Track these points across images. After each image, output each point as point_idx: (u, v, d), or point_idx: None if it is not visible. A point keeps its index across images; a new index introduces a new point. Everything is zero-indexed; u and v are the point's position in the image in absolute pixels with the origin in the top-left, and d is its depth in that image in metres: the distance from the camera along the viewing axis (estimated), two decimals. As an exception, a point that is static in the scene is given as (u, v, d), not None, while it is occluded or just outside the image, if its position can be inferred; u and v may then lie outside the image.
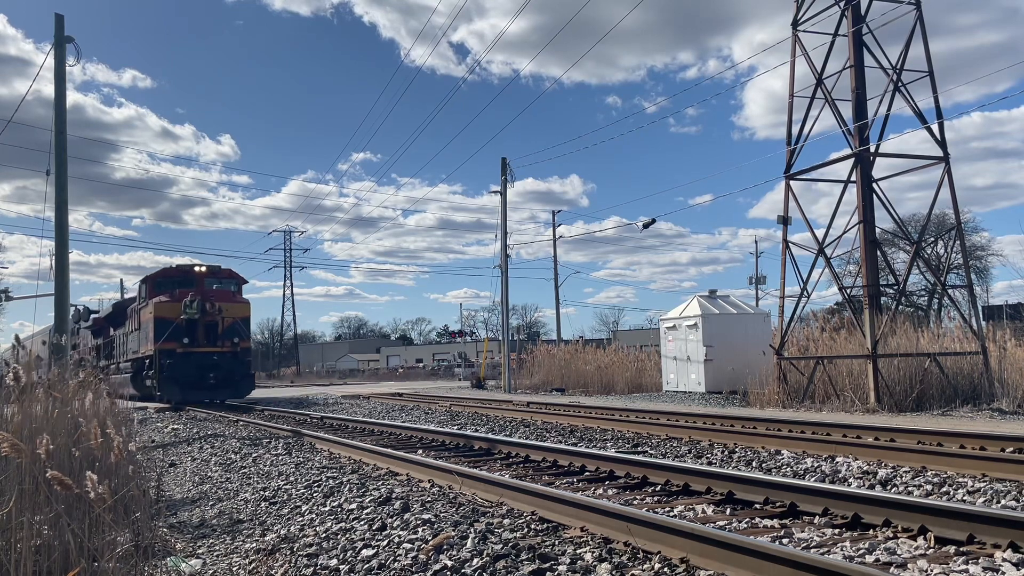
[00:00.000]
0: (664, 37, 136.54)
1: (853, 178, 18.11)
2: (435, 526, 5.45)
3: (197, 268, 26.49)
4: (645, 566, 4.40)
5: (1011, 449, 8.87)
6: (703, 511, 6.16)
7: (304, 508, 6.74)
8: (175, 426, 16.55)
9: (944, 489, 6.79)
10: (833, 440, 9.73)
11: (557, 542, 5.00)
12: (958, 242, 19.91)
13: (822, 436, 10.43)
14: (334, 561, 4.88)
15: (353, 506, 6.45)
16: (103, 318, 34.84)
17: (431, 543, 4.92)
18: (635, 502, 6.56)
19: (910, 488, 6.92)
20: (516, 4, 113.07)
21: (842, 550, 4.70)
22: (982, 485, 6.78)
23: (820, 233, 18.98)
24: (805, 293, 19.11)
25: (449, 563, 4.54)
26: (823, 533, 5.20)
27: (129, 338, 29.09)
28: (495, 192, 34.89)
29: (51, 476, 3.25)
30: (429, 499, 6.57)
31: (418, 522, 5.60)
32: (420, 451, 10.51)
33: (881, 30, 18.37)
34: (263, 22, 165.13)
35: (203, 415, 20.14)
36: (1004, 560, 4.30)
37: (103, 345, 34.73)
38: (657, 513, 5.47)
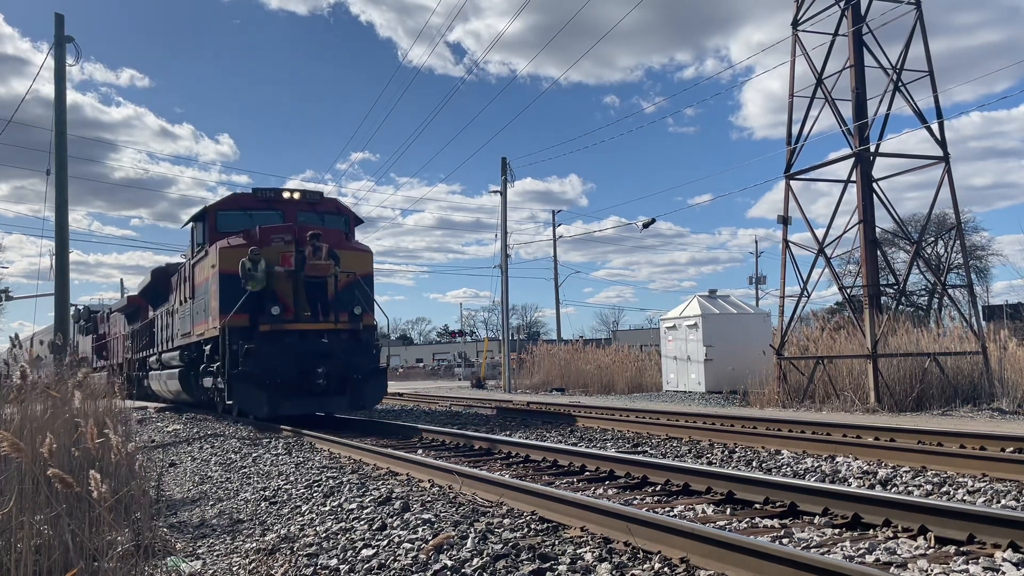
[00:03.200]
0: (661, 37, 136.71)
1: (853, 178, 18.11)
2: (435, 526, 5.45)
3: (287, 194, 16.60)
4: (645, 566, 4.40)
5: (1011, 449, 8.87)
6: (703, 511, 6.15)
7: (304, 508, 6.74)
8: (175, 426, 16.55)
9: (944, 489, 6.79)
10: (833, 440, 9.73)
11: (557, 542, 5.00)
12: (958, 242, 19.92)
13: (822, 436, 10.43)
14: (334, 561, 4.88)
15: (353, 506, 6.45)
16: (138, 295, 24.90)
17: (431, 543, 4.91)
18: (635, 502, 6.56)
19: (910, 488, 6.92)
20: (512, 4, 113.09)
21: (842, 550, 4.70)
22: (982, 485, 6.78)
23: (820, 233, 19.00)
24: (805, 293, 19.11)
25: (449, 563, 4.54)
26: (823, 533, 5.20)
27: (176, 315, 19.08)
28: (495, 192, 34.91)
29: (51, 473, 3.25)
30: (429, 499, 6.57)
31: (418, 522, 5.60)
32: (420, 451, 10.51)
33: (881, 30, 18.39)
34: (260, 21, 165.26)
35: (203, 414, 18.78)
36: (1004, 560, 4.30)
37: (139, 331, 24.63)
38: (657, 513, 5.47)
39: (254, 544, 5.72)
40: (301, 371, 14.40)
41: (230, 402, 14.65)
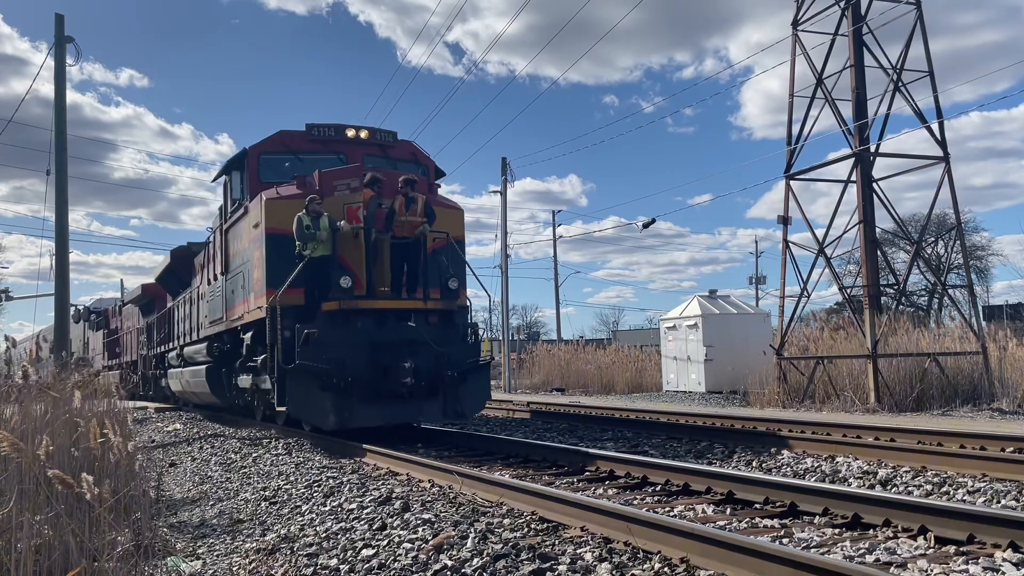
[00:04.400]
0: (661, 37, 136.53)
1: (853, 178, 18.12)
2: (435, 526, 5.46)
3: (351, 132, 12.74)
4: (645, 566, 4.40)
5: (1011, 449, 8.87)
6: (703, 511, 6.15)
7: (304, 508, 6.74)
8: (175, 426, 16.54)
9: (944, 489, 6.79)
10: (833, 440, 9.73)
11: (557, 542, 5.00)
12: (958, 242, 19.95)
13: (822, 436, 10.43)
14: (334, 561, 4.89)
15: (353, 506, 6.45)
16: (155, 281, 21.41)
17: (431, 543, 4.92)
18: (635, 502, 6.56)
19: (910, 488, 6.92)
20: (511, 4, 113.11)
21: (842, 550, 4.70)
22: (982, 485, 6.78)
23: (820, 233, 19.01)
24: (805, 293, 19.12)
25: (449, 563, 4.54)
26: (823, 533, 5.20)
27: (203, 300, 15.74)
28: (495, 192, 34.91)
29: (52, 475, 3.26)
30: (429, 499, 6.57)
31: (418, 522, 5.60)
32: (420, 451, 10.50)
33: (881, 30, 18.41)
34: (259, 21, 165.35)
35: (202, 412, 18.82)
36: (1004, 560, 4.30)
37: (156, 323, 21.71)
38: (657, 513, 5.47)
39: (254, 544, 5.72)
40: (379, 366, 10.69)
41: (281, 408, 10.86)
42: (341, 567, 4.74)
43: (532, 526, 5.50)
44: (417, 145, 13.63)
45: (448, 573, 4.43)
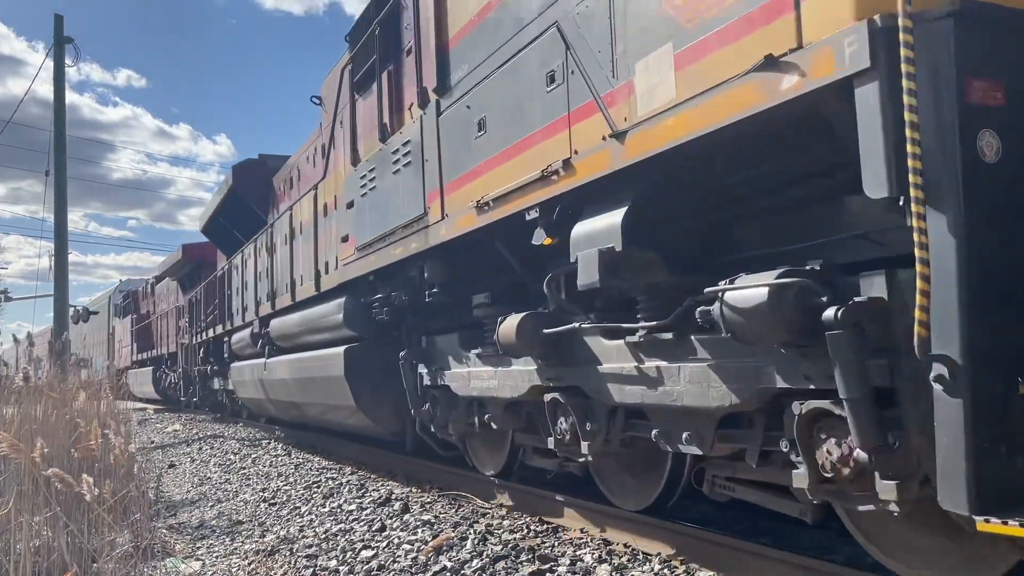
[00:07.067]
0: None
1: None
2: (435, 527, 5.45)
3: None
4: (645, 567, 4.39)
5: (1011, 451, 8.87)
6: (704, 511, 6.14)
7: (303, 509, 6.74)
8: (175, 427, 16.55)
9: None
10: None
11: (557, 543, 4.99)
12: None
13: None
14: (333, 562, 4.88)
15: (352, 507, 6.45)
16: (202, 232, 15.75)
17: (431, 544, 4.92)
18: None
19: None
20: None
21: (842, 551, 4.69)
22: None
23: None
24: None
25: (449, 564, 4.54)
26: (824, 534, 5.19)
27: (327, 221, 8.23)
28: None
29: (52, 473, 3.26)
30: (429, 500, 6.57)
31: (418, 523, 5.60)
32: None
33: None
34: (257, 21, 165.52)
35: (203, 415, 19.05)
36: (1004, 562, 4.30)
37: (202, 296, 15.49)
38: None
39: (253, 545, 5.72)
40: None
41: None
42: (340, 568, 4.74)
43: (532, 527, 5.49)
44: None
45: (448, 574, 4.43)
